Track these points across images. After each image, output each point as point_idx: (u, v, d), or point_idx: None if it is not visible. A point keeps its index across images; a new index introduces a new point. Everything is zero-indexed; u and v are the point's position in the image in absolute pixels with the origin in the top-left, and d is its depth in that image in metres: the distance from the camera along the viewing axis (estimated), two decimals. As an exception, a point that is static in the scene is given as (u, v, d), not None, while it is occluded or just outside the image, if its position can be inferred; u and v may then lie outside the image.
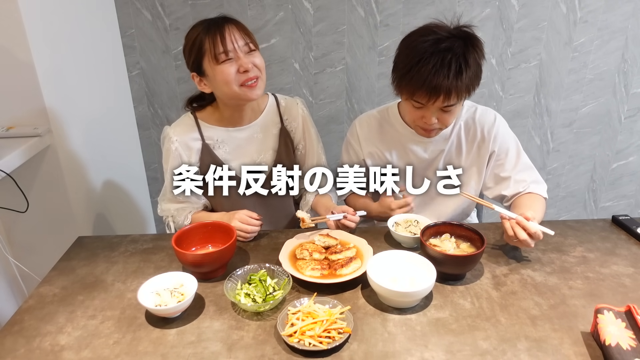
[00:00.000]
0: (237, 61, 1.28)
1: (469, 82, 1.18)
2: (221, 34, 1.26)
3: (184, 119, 1.45)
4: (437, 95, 1.17)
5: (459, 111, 1.30)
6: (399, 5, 2.09)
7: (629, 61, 2.22)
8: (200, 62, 1.29)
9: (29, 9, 1.44)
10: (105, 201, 1.95)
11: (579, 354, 0.92)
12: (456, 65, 1.15)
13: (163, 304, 1.03)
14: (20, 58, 1.45)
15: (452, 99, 1.19)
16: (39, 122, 1.54)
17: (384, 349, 0.94)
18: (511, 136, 1.42)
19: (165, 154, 1.44)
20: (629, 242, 1.31)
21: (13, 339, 1.00)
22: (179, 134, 1.41)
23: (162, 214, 1.50)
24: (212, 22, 1.29)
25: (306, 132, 1.53)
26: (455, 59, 1.15)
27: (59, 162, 1.60)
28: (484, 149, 1.40)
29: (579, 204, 2.58)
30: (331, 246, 1.26)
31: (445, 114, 1.25)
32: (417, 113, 1.28)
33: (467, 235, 1.22)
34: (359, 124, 1.50)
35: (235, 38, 1.27)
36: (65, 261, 1.28)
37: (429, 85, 1.16)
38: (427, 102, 1.21)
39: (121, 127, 2.18)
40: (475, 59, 1.19)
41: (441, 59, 1.14)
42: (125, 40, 2.14)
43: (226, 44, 1.26)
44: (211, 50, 1.26)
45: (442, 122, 1.28)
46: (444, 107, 1.22)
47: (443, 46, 1.16)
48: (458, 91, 1.17)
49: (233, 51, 1.27)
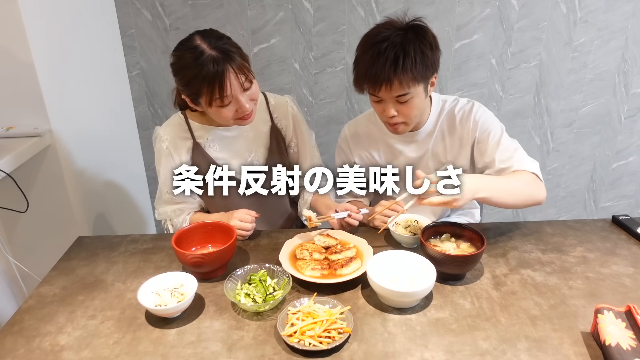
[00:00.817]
0: (235, 103, 1.26)
1: (412, 70, 1.18)
2: (220, 82, 1.20)
3: (173, 119, 1.44)
4: (379, 83, 1.20)
5: (420, 103, 1.27)
6: (399, 5, 2.09)
7: (629, 61, 2.22)
8: (197, 98, 1.28)
9: (29, 9, 1.44)
10: (105, 201, 1.95)
11: (579, 354, 0.92)
12: (393, 53, 1.17)
13: (163, 304, 1.03)
14: (20, 58, 1.45)
15: (396, 88, 1.20)
16: (39, 122, 1.54)
17: (384, 349, 0.94)
18: (492, 122, 1.37)
19: (157, 154, 1.43)
20: (629, 242, 1.31)
21: (13, 339, 1.00)
22: (169, 133, 1.40)
23: (160, 217, 1.49)
24: (210, 64, 1.19)
25: (297, 130, 1.53)
26: (391, 47, 1.18)
27: (59, 162, 1.60)
28: (465, 139, 1.38)
29: (579, 204, 2.58)
30: (331, 246, 1.26)
31: (403, 105, 1.25)
32: (378, 107, 1.29)
33: (467, 235, 1.22)
34: (348, 129, 1.53)
35: (233, 83, 1.22)
36: (65, 261, 1.28)
37: (369, 75, 1.20)
38: (375, 92, 1.23)
39: (121, 127, 2.18)
40: (419, 48, 1.19)
41: (378, 49, 1.18)
42: (125, 40, 2.14)
43: (224, 92, 1.22)
44: (208, 96, 1.23)
45: (403, 115, 1.27)
46: (397, 97, 1.23)
47: (381, 37, 1.20)
48: (400, 79, 1.18)
49: (230, 96, 1.24)
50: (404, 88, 1.21)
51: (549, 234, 1.36)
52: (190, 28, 2.11)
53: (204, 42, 1.22)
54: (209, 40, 1.23)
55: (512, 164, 1.29)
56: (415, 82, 1.21)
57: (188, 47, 1.24)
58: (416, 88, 1.23)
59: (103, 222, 1.92)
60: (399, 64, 1.17)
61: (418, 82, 1.22)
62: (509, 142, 1.34)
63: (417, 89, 1.24)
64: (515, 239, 1.33)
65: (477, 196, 1.14)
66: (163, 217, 1.48)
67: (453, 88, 2.26)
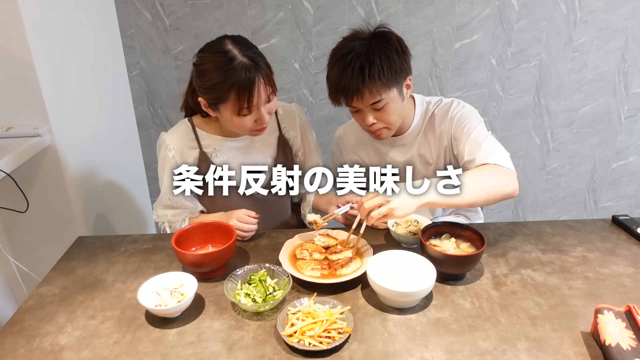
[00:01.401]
0: (256, 113, 1.26)
1: (380, 78, 1.19)
2: (250, 91, 1.19)
3: (180, 126, 1.42)
4: (350, 95, 1.22)
5: (397, 107, 1.28)
6: (399, 6, 2.09)
7: (629, 61, 2.22)
8: (217, 104, 1.25)
9: (29, 9, 1.44)
10: (105, 201, 1.95)
11: (579, 354, 0.92)
12: (358, 64, 1.19)
13: (163, 304, 1.03)
14: (20, 58, 1.45)
15: (367, 97, 1.22)
16: (39, 122, 1.54)
17: (384, 349, 0.94)
18: (468, 116, 1.34)
19: (161, 161, 1.41)
20: (629, 242, 1.31)
21: (13, 339, 1.00)
22: (176, 142, 1.38)
23: (158, 219, 1.48)
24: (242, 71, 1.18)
25: (304, 139, 1.53)
26: (356, 58, 1.19)
27: (59, 162, 1.60)
28: (444, 136, 1.38)
29: (579, 204, 2.58)
30: (331, 246, 1.26)
31: (380, 112, 1.26)
32: (358, 117, 1.31)
33: (467, 235, 1.22)
34: (339, 135, 1.55)
35: (260, 94, 1.22)
36: (65, 261, 1.28)
37: (339, 88, 1.22)
38: (349, 104, 1.26)
39: (121, 127, 2.18)
40: (384, 54, 1.20)
41: (343, 62, 1.20)
42: (125, 40, 2.14)
43: (252, 101, 1.21)
44: (235, 104, 1.21)
45: (382, 121, 1.28)
46: (372, 105, 1.24)
47: (346, 49, 1.22)
48: (369, 88, 1.20)
49: (255, 106, 1.23)
50: (374, 96, 1.22)
51: (549, 234, 1.36)
52: (190, 28, 2.12)
53: (235, 47, 1.21)
54: (240, 47, 1.22)
55: (476, 156, 1.26)
56: (386, 87, 1.22)
57: (218, 50, 1.22)
58: (388, 93, 1.24)
59: (103, 222, 1.92)
60: (365, 73, 1.19)
61: (389, 88, 1.23)
62: (479, 134, 1.30)
63: (390, 94, 1.24)
64: (515, 239, 1.33)
65: (421, 202, 1.12)
66: (161, 220, 1.47)
67: (453, 88, 2.26)
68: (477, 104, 1.48)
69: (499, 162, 1.23)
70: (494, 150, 1.26)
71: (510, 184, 1.21)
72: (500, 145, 1.30)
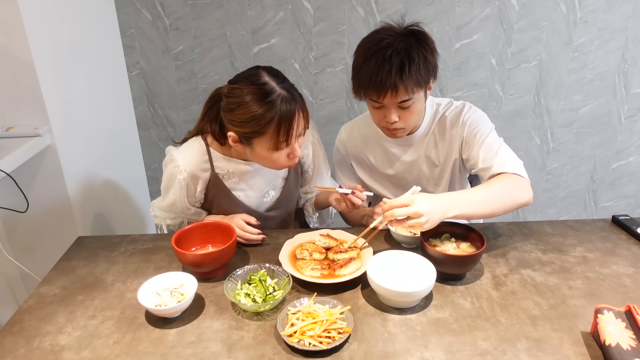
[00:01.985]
0: (291, 147, 1.21)
1: (416, 76, 1.18)
2: (289, 125, 1.15)
3: (194, 146, 1.33)
4: (384, 90, 1.19)
5: (420, 108, 1.29)
6: (399, 5, 2.09)
7: (629, 61, 2.22)
8: (252, 138, 1.18)
9: (29, 9, 1.44)
10: (105, 201, 1.95)
11: (579, 354, 0.92)
12: (398, 60, 1.17)
13: (163, 304, 1.03)
14: (20, 58, 1.45)
15: (402, 94, 1.20)
16: (39, 122, 1.54)
17: (384, 349, 0.94)
18: (480, 122, 1.35)
19: (169, 178, 1.33)
20: (629, 242, 1.31)
21: (13, 339, 1.00)
22: (188, 163, 1.30)
23: (156, 220, 1.45)
24: (287, 104, 1.14)
25: (316, 157, 1.50)
26: (396, 54, 1.17)
27: (59, 162, 1.60)
28: (454, 140, 1.38)
29: (579, 204, 2.58)
30: (332, 247, 1.26)
31: (404, 111, 1.25)
32: (378, 113, 1.29)
33: (467, 235, 1.22)
34: (345, 131, 1.54)
35: (299, 126, 1.18)
36: (65, 261, 1.28)
37: (374, 82, 1.19)
38: (379, 99, 1.22)
39: (121, 127, 2.18)
40: (422, 53, 1.19)
41: (382, 55, 1.17)
42: (125, 40, 2.14)
43: (291, 135, 1.17)
44: (273, 137, 1.16)
45: (404, 120, 1.27)
46: (399, 103, 1.23)
47: (384, 43, 1.19)
48: (405, 85, 1.18)
49: (292, 139, 1.19)
50: (408, 94, 1.21)
51: (549, 234, 1.36)
52: (190, 28, 2.12)
53: (272, 80, 1.17)
54: (277, 79, 1.18)
55: (493, 164, 1.26)
56: (419, 87, 1.22)
57: (255, 81, 1.16)
58: (419, 93, 1.24)
59: (103, 222, 1.92)
60: (405, 70, 1.17)
61: (421, 87, 1.23)
62: (493, 141, 1.32)
63: (419, 94, 1.25)
64: (515, 239, 1.33)
65: (447, 216, 1.12)
66: (159, 220, 1.45)
67: (453, 88, 2.26)
68: (477, 104, 1.48)
69: (516, 171, 1.24)
70: (509, 158, 1.27)
71: (526, 193, 1.23)
72: (513, 152, 1.31)
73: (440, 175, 1.45)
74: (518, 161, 1.28)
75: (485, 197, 1.18)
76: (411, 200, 1.09)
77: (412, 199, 1.10)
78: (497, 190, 1.20)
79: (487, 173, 1.28)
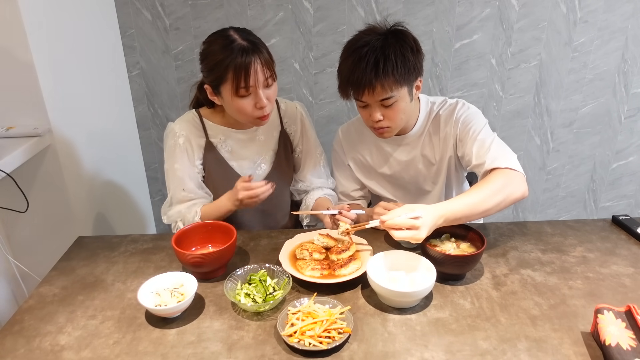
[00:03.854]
0: (255, 96, 1.28)
1: (393, 73, 1.20)
2: (246, 70, 1.23)
3: (188, 116, 1.44)
4: (362, 88, 1.22)
5: (405, 106, 1.28)
6: (399, 6, 2.09)
7: (629, 61, 2.22)
8: (218, 85, 1.29)
9: (29, 9, 1.44)
10: (105, 201, 1.95)
11: (579, 354, 0.92)
12: (373, 57, 1.19)
13: (163, 304, 1.03)
14: (20, 58, 1.45)
15: (379, 92, 1.22)
16: (39, 122, 1.54)
17: (384, 349, 0.94)
18: (473, 118, 1.35)
19: (170, 150, 1.41)
20: (629, 242, 1.31)
21: (13, 339, 1.00)
22: (185, 129, 1.40)
23: (170, 220, 1.45)
24: (240, 52, 1.23)
25: (304, 135, 1.55)
26: (372, 52, 1.20)
27: (59, 162, 1.60)
28: (448, 138, 1.39)
29: (579, 204, 2.58)
30: (331, 247, 1.26)
31: (388, 109, 1.27)
32: (364, 113, 1.31)
33: (467, 235, 1.22)
34: (342, 132, 1.55)
35: (258, 74, 1.25)
36: (65, 261, 1.28)
37: (352, 80, 1.23)
38: (359, 97, 1.26)
39: (121, 127, 2.18)
40: (399, 51, 1.21)
41: (358, 54, 1.21)
42: (125, 40, 2.14)
43: (249, 81, 1.25)
44: (233, 82, 1.25)
45: (389, 119, 1.28)
46: (381, 101, 1.25)
47: (361, 42, 1.22)
48: (382, 82, 1.20)
49: (253, 87, 1.26)
50: (386, 91, 1.22)
51: (549, 234, 1.36)
52: (190, 28, 2.12)
53: (237, 33, 1.28)
54: (242, 34, 1.28)
55: (485, 159, 1.26)
56: (398, 85, 1.23)
57: (220, 35, 1.29)
58: (399, 91, 1.24)
59: (103, 222, 1.92)
60: (380, 67, 1.19)
61: (401, 85, 1.23)
62: (486, 136, 1.31)
63: (401, 92, 1.25)
64: (515, 239, 1.33)
65: (439, 224, 1.10)
66: (174, 219, 1.44)
67: (453, 88, 2.26)
68: (477, 104, 1.49)
69: (509, 165, 1.23)
70: (502, 153, 1.26)
71: (520, 188, 1.21)
72: (507, 146, 1.30)
73: (437, 173, 1.45)
74: (512, 155, 1.27)
75: (479, 198, 1.16)
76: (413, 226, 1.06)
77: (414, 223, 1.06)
78: (490, 190, 1.18)
79: (481, 169, 1.27)
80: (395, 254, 1.16)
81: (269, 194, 1.32)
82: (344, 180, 1.56)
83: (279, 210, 1.59)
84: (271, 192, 1.32)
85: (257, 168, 1.49)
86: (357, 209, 1.34)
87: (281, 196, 1.58)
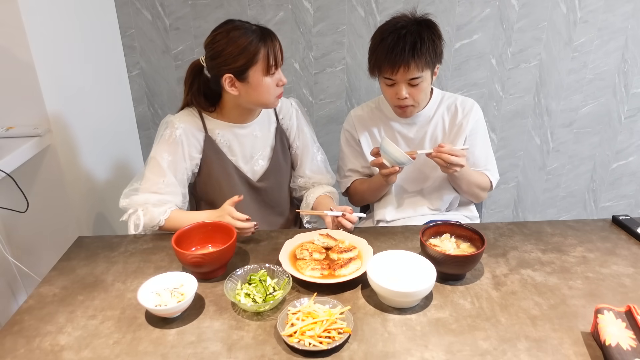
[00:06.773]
0: (277, 75, 1.36)
1: (426, 55, 1.34)
2: (274, 47, 1.32)
3: (187, 110, 1.44)
4: (397, 66, 1.33)
5: (427, 87, 1.42)
6: (398, 5, 2.09)
7: (629, 61, 2.22)
8: (247, 68, 1.30)
9: (29, 9, 1.44)
10: (105, 201, 1.95)
11: (579, 354, 0.92)
12: (412, 39, 1.32)
13: (163, 304, 1.03)
14: (20, 58, 1.45)
15: (413, 70, 1.34)
16: (39, 122, 1.54)
17: (384, 349, 0.94)
18: (483, 126, 1.55)
19: (163, 139, 1.38)
20: (629, 242, 1.31)
21: (13, 339, 1.00)
22: (184, 122, 1.40)
23: (132, 205, 1.35)
24: (264, 33, 1.32)
25: (300, 131, 1.57)
26: (409, 34, 1.33)
27: (59, 162, 1.60)
28: (464, 128, 1.51)
29: (579, 204, 2.58)
30: (331, 247, 1.26)
31: (414, 88, 1.38)
32: (391, 91, 1.41)
33: (467, 235, 1.22)
34: (353, 112, 1.63)
35: (281, 53, 1.35)
36: (65, 261, 1.28)
37: (389, 58, 1.34)
38: (392, 75, 1.36)
39: (121, 127, 2.18)
40: (430, 37, 1.35)
41: (397, 35, 1.33)
42: (125, 40, 2.14)
43: (277, 58, 1.33)
44: (265, 61, 1.30)
45: (413, 97, 1.40)
46: (410, 80, 1.36)
47: (399, 25, 1.35)
48: (417, 62, 1.33)
49: (280, 62, 1.35)
50: (418, 70, 1.34)
51: (549, 234, 1.36)
52: (190, 28, 2.12)
53: (243, 22, 1.33)
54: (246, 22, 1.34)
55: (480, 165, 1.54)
56: (427, 66, 1.36)
57: (231, 25, 1.32)
58: (427, 72, 1.37)
59: (103, 222, 1.92)
60: (417, 48, 1.32)
61: (429, 67, 1.37)
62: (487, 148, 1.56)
63: (427, 74, 1.38)
64: (515, 239, 1.33)
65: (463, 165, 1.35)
66: (136, 206, 1.35)
67: (453, 88, 2.26)
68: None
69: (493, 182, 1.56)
70: (493, 170, 1.57)
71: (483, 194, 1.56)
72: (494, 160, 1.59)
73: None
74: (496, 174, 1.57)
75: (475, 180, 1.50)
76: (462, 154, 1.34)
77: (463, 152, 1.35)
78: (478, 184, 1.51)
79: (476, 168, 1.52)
80: (395, 254, 1.16)
81: (250, 233, 1.31)
82: (353, 158, 1.62)
83: (279, 206, 1.60)
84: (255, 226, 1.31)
85: (255, 165, 1.51)
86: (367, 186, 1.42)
87: (280, 192, 1.59)
